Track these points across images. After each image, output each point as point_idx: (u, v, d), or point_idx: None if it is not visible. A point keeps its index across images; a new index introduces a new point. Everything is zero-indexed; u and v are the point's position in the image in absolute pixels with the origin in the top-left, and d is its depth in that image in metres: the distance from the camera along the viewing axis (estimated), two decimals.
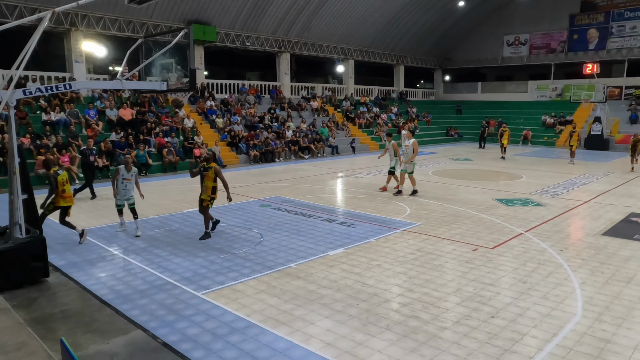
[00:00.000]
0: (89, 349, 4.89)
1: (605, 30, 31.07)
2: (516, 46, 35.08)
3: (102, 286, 6.62)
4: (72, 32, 19.58)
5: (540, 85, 34.00)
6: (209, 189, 8.89)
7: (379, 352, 4.79)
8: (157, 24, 21.62)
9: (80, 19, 19.58)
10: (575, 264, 7.35)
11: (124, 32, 20.86)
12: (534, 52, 34.30)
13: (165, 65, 8.05)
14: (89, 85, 16.97)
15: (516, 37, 34.90)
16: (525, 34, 34.42)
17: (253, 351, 4.82)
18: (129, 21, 20.94)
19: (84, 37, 20.02)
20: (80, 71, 19.88)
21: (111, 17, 20.38)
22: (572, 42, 32.50)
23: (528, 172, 17.31)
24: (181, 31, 7.54)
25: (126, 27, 20.90)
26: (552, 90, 33.33)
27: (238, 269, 7.17)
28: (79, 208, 11.71)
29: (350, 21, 28.82)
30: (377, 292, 6.27)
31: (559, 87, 32.98)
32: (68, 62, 20.09)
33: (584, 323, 5.40)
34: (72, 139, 16.70)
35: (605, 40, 31.10)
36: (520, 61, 35.06)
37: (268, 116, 24.00)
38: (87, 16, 19.71)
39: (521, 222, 9.90)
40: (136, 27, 21.12)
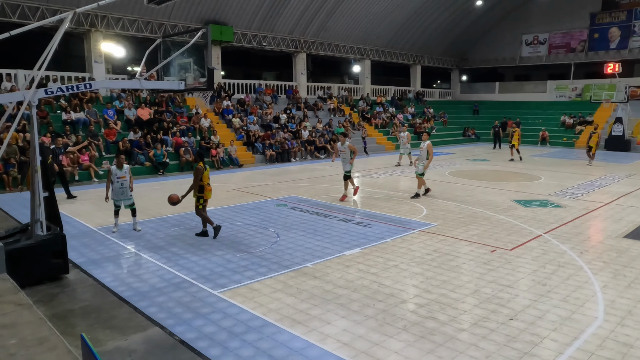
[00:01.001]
0: (107, 345, 4.95)
1: (627, 28, 30.43)
2: (535, 46, 34.59)
3: (120, 283, 6.71)
4: (92, 33, 19.91)
5: (559, 85, 33.46)
6: (195, 189, 8.92)
7: (396, 353, 4.76)
8: (174, 24, 21.87)
9: (99, 20, 19.89)
10: (596, 267, 7.21)
11: (142, 32, 21.14)
12: (553, 52, 33.78)
13: (182, 65, 8.12)
14: (109, 85, 17.22)
15: (535, 36, 34.41)
16: (544, 33, 33.91)
17: (269, 350, 4.83)
18: (147, 22, 21.20)
19: (103, 38, 20.34)
20: (100, 71, 20.20)
21: (130, 18, 20.67)
22: (592, 41, 31.91)
23: (547, 173, 17.05)
24: (199, 31, 7.60)
25: (144, 27, 21.18)
26: (571, 90, 32.77)
27: (254, 268, 7.20)
28: (97, 206, 11.89)
29: (366, 21, 28.74)
30: (393, 293, 6.24)
31: (578, 87, 32.41)
32: (88, 62, 20.42)
33: (606, 327, 5.29)
34: (91, 138, 16.97)
35: (627, 39, 30.46)
36: (539, 61, 34.56)
37: (284, 116, 24.06)
38: (107, 17, 20.03)
39: (540, 224, 9.75)
40: (154, 27, 21.38)
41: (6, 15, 17.51)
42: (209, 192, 9.04)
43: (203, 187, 8.91)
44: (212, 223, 9.06)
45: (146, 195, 13.48)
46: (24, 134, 15.30)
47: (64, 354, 2.67)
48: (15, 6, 17.68)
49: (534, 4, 33.48)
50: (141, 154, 17.42)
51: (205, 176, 8.92)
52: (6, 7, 17.53)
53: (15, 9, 17.70)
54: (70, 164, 15.38)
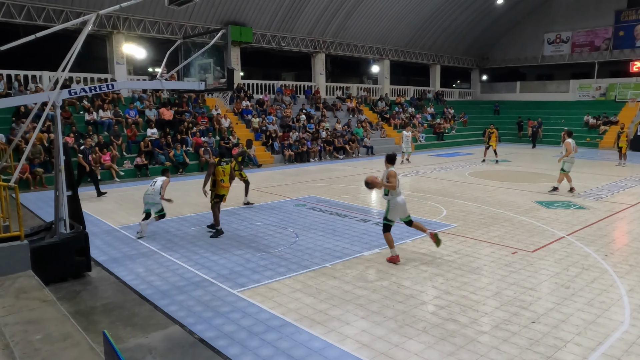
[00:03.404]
0: (129, 342, 5.01)
1: None
2: (557, 44, 33.94)
3: (141, 281, 6.80)
4: (114, 35, 20.26)
5: (582, 84, 32.78)
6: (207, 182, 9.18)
7: (416, 355, 4.71)
8: (195, 25, 22.11)
9: (122, 22, 20.23)
10: (622, 270, 7.03)
11: (163, 34, 21.44)
12: (576, 50, 33.12)
13: (203, 66, 8.21)
14: (130, 86, 17.50)
15: (557, 34, 33.78)
16: (568, 31, 33.26)
17: (288, 350, 4.83)
18: (168, 23, 21.48)
19: (125, 40, 20.69)
20: (121, 72, 20.54)
21: (151, 20, 20.97)
22: (617, 39, 31.17)
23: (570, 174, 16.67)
24: (219, 32, 7.66)
25: (165, 29, 21.46)
26: (595, 89, 32.07)
27: (274, 268, 7.22)
28: (119, 206, 12.10)
29: (385, 21, 28.61)
30: (413, 294, 6.19)
31: (602, 86, 31.70)
32: (110, 64, 20.79)
33: (633, 332, 5.15)
34: (114, 138, 17.26)
35: None
36: (562, 60, 33.91)
37: (303, 116, 24.11)
38: (128, 19, 20.36)
39: (563, 226, 9.56)
40: (175, 29, 21.64)
41: (32, 19, 17.95)
42: (221, 188, 9.08)
43: (216, 182, 8.99)
44: (217, 224, 9.12)
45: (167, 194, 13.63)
46: (48, 134, 15.64)
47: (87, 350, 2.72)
48: (40, 9, 18.11)
49: (556, 2, 32.90)
50: (162, 154, 17.65)
51: (219, 172, 9.02)
52: (32, 10, 17.97)
53: (41, 12, 18.13)
54: (93, 164, 15.65)
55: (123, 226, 9.97)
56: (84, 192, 13.18)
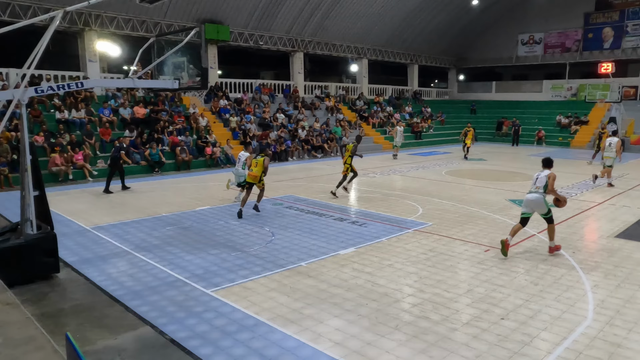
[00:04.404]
0: (97, 344, 4.94)
1: (620, 28, 30.51)
2: (530, 45, 34.63)
3: (112, 282, 6.70)
4: (86, 32, 19.75)
5: (555, 84, 33.51)
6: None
7: (387, 353, 4.77)
8: (170, 23, 21.77)
9: (93, 19, 19.74)
10: (588, 267, 7.24)
11: (137, 31, 21.02)
12: (548, 51, 33.83)
13: (177, 64, 8.12)
14: (101, 84, 17.11)
15: (530, 36, 34.45)
16: (540, 32, 33.95)
17: (261, 349, 4.83)
18: (143, 21, 21.10)
19: (97, 37, 20.18)
20: (94, 70, 20.05)
21: (124, 17, 20.56)
22: (587, 41, 31.96)
23: None
24: (193, 30, 7.59)
25: (140, 26, 21.07)
26: (567, 89, 32.82)
27: (249, 267, 7.20)
28: (92, 206, 11.88)
29: (364, 20, 28.72)
30: (387, 292, 6.25)
31: (574, 87, 32.46)
32: (82, 61, 20.27)
33: (595, 327, 5.32)
34: (87, 137, 16.92)
35: (620, 39, 30.54)
36: (535, 60, 34.61)
37: (282, 115, 24.05)
38: (101, 16, 19.87)
39: (534, 224, 9.67)
40: (150, 26, 21.28)
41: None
42: (248, 175, 10.86)
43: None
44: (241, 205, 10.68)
45: (143, 194, 13.47)
46: (16, 132, 15.26)
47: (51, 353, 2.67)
48: (5, 4, 17.49)
49: (529, 3, 33.48)
50: (137, 153, 17.38)
51: (252, 163, 10.81)
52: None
53: (6, 7, 17.54)
54: (64, 163, 15.33)
55: (96, 226, 9.77)
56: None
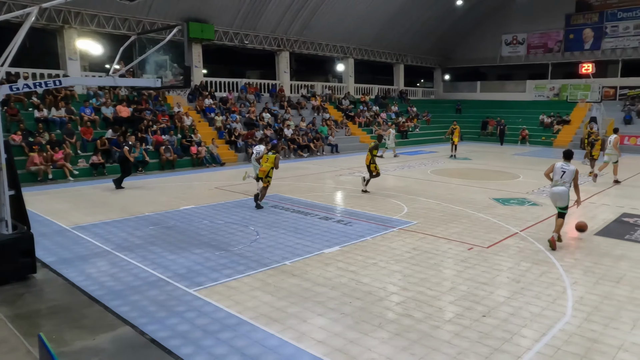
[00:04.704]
0: (74, 345, 4.87)
1: (599, 30, 31.05)
2: (514, 45, 35.04)
3: (92, 282, 6.60)
4: (65, 30, 19.37)
5: (538, 84, 33.96)
6: None
7: (369, 350, 4.78)
8: (153, 21, 21.46)
9: (73, 17, 19.36)
10: (568, 264, 7.34)
11: (119, 30, 20.68)
12: (531, 52, 34.26)
13: (160, 63, 8.04)
14: (80, 82, 16.76)
15: (514, 36, 34.85)
16: (523, 33, 34.36)
17: (243, 348, 4.80)
18: (125, 19, 20.79)
19: (78, 35, 19.80)
20: (75, 68, 19.64)
21: (106, 15, 20.19)
22: (568, 41, 32.45)
23: (526, 172, 17.28)
24: (174, 28, 7.52)
25: (122, 24, 20.74)
26: (549, 89, 33.29)
27: (233, 266, 7.16)
28: (73, 205, 11.70)
29: (350, 20, 28.75)
30: (371, 291, 6.26)
31: (556, 87, 32.93)
32: (62, 59, 19.87)
33: (573, 323, 5.40)
34: (67, 136, 16.65)
35: (600, 40, 31.08)
36: (519, 60, 35.02)
37: (267, 114, 23.98)
38: (80, 14, 19.49)
39: (517, 222, 9.88)
40: (132, 25, 20.97)
41: None
42: (259, 170, 11.46)
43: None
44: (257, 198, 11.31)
45: (126, 193, 13.33)
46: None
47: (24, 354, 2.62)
48: None
49: (513, 4, 33.87)
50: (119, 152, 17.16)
51: (264, 158, 11.36)
52: None
53: None
54: (43, 162, 15.07)
55: (76, 226, 9.63)
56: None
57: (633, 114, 27.90)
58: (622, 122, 27.24)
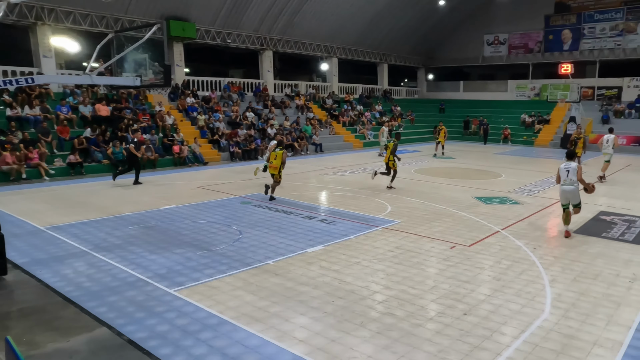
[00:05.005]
0: (46, 347, 4.76)
1: (577, 31, 31.60)
2: (496, 46, 35.43)
3: (67, 283, 6.46)
4: (39, 27, 18.82)
5: (519, 84, 34.39)
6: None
7: (352, 349, 4.76)
8: (132, 19, 21.02)
9: (46, 13, 18.84)
10: (547, 262, 7.42)
11: (96, 27, 20.21)
12: (512, 52, 34.68)
13: (139, 61, 7.88)
14: (54, 80, 16.30)
15: (495, 36, 35.23)
16: (504, 33, 34.76)
17: (224, 348, 4.75)
18: (102, 16, 20.32)
19: (52, 32, 19.28)
20: (50, 66, 19.12)
21: (82, 12, 19.72)
22: (548, 42, 32.93)
23: (508, 171, 17.49)
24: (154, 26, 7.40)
25: (99, 22, 20.28)
26: (530, 89, 33.76)
27: (215, 266, 7.09)
28: (48, 205, 11.45)
29: (333, 19, 28.75)
30: (354, 290, 6.25)
31: (537, 87, 33.40)
32: (35, 56, 19.30)
33: (551, 319, 5.46)
34: (42, 135, 16.27)
35: (578, 41, 31.62)
36: (500, 60, 35.41)
37: (251, 114, 23.84)
38: (55, 10, 19.00)
39: (499, 220, 9.96)
40: (110, 22, 20.49)
41: None
42: (269, 166, 12.19)
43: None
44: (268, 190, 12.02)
45: (105, 193, 13.12)
46: None
47: None
48: None
49: (494, 4, 34.24)
50: (98, 152, 16.88)
51: (272, 155, 12.09)
52: None
53: None
54: (17, 162, 14.72)
55: (51, 226, 9.41)
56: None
57: (610, 114, 28.44)
58: (599, 122, 27.76)
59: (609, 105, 29.22)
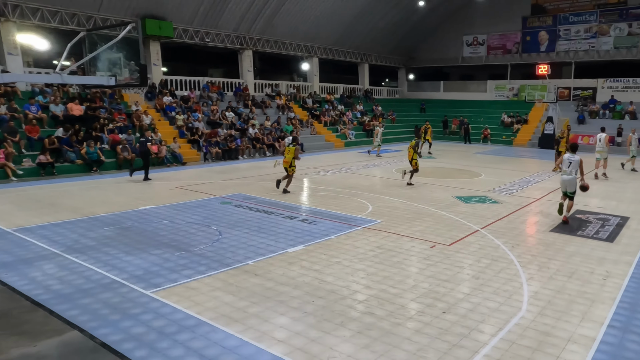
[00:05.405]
0: (10, 353, 4.60)
1: (554, 33, 32.20)
2: (475, 46, 35.87)
3: (36, 286, 6.26)
4: (2, 23, 18.22)
5: (498, 85, 34.89)
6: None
7: (331, 349, 4.72)
8: (106, 17, 20.55)
9: (10, 9, 18.24)
10: (525, 260, 7.50)
11: (67, 25, 19.66)
12: (491, 53, 35.15)
13: (114, 60, 7.67)
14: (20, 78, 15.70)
15: (474, 37, 35.67)
16: (483, 34, 35.20)
17: (201, 349, 4.67)
18: (73, 14, 19.78)
19: (17, 29, 18.65)
20: (16, 64, 18.49)
21: (50, 9, 19.14)
22: (525, 43, 33.47)
23: (487, 170, 17.67)
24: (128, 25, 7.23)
25: (70, 20, 19.73)
26: (509, 90, 34.28)
27: (194, 267, 6.99)
28: (16, 207, 11.11)
29: (313, 19, 28.69)
30: (334, 289, 6.21)
31: (515, 87, 33.94)
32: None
33: (528, 317, 5.51)
34: (8, 134, 15.77)
35: (554, 43, 32.22)
36: (479, 61, 35.86)
37: (231, 113, 23.63)
38: (20, 6, 18.40)
39: (478, 219, 10.04)
40: (82, 20, 19.97)
41: None
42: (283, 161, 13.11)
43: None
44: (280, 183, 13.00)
45: (78, 194, 12.81)
46: None
47: None
48: None
49: (473, 5, 34.65)
50: (72, 152, 16.47)
51: (285, 150, 13.16)
52: None
53: None
54: None
55: (19, 228, 9.12)
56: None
57: (585, 114, 29.05)
58: (575, 122, 28.32)
59: (585, 106, 29.83)
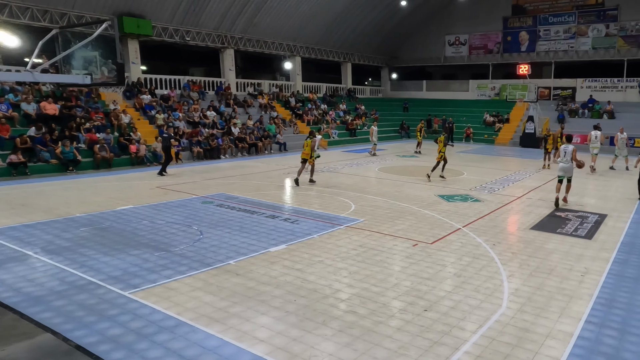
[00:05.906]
0: None
1: (534, 33, 32.71)
2: (457, 46, 36.20)
3: (5, 289, 6.07)
4: None
5: (480, 84, 35.29)
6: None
7: (312, 347, 4.68)
8: (81, 15, 20.10)
9: None
10: (506, 258, 7.56)
11: (39, 22, 19.16)
12: (473, 52, 35.52)
13: (89, 58, 7.47)
14: None
15: (456, 37, 35.99)
16: (465, 34, 35.55)
17: (180, 350, 4.59)
18: (45, 10, 19.29)
19: None
20: None
21: (20, 5, 18.63)
22: (506, 43, 33.93)
23: (469, 169, 17.81)
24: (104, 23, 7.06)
25: (42, 16, 19.22)
26: (490, 89, 34.70)
27: (174, 267, 6.88)
28: None
29: (295, 18, 28.58)
30: (317, 288, 6.18)
31: (496, 87, 34.37)
32: None
33: (508, 314, 5.55)
34: None
35: (534, 43, 32.72)
36: (462, 61, 36.20)
37: (212, 112, 23.41)
38: None
39: (460, 218, 10.10)
40: (55, 17, 19.48)
41: None
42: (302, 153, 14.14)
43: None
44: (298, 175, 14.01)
45: (53, 194, 12.52)
46: None
47: None
48: None
49: (454, 5, 34.97)
50: (46, 151, 16.09)
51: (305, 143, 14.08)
52: None
53: None
54: None
55: None
56: None
57: (565, 114, 29.55)
58: (556, 121, 28.74)
59: (564, 105, 30.35)
